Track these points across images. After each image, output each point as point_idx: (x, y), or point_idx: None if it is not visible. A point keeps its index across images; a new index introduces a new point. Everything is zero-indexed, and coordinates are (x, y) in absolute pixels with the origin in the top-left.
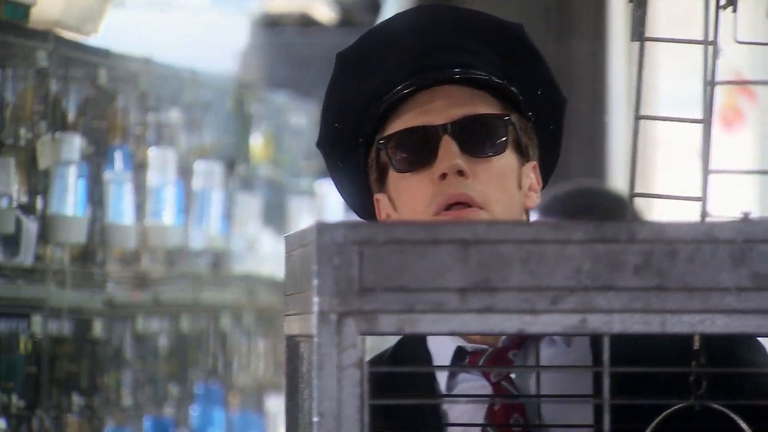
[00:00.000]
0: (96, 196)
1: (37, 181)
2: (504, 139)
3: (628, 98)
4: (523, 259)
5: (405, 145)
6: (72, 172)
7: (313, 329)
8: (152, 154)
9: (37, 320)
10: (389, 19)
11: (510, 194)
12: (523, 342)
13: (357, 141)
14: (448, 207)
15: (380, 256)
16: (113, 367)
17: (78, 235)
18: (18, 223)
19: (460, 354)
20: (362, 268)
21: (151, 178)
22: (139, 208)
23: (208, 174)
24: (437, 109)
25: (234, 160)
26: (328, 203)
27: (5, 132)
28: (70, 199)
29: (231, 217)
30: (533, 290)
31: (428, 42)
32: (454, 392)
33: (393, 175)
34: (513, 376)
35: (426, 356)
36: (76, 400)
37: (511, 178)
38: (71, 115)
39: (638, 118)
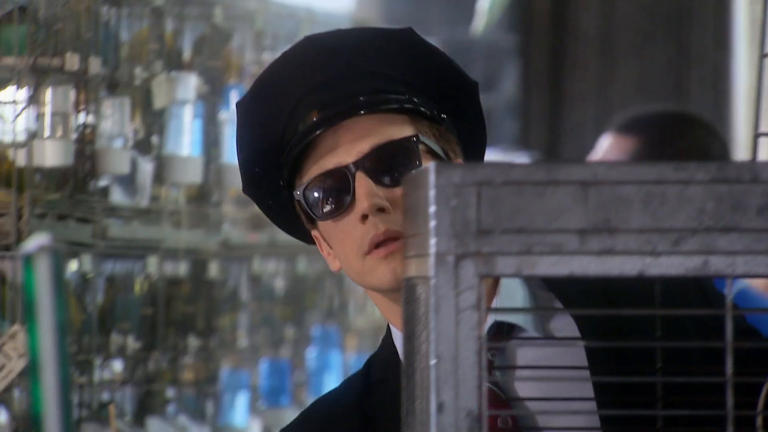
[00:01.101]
0: (211, 136)
1: (153, 121)
2: (416, 159)
3: (752, 36)
4: (644, 200)
5: (321, 192)
6: (187, 111)
7: (431, 271)
8: None
9: (152, 261)
10: (279, 58)
11: None
12: (501, 342)
13: (277, 184)
14: (376, 246)
15: (498, 197)
16: (229, 309)
17: (193, 176)
18: (134, 164)
19: None
20: (480, 209)
21: None
22: None
23: None
24: (345, 144)
25: None
26: None
27: (120, 71)
28: (185, 139)
29: None
30: (654, 232)
31: (322, 75)
32: None
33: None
34: (497, 374)
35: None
36: (192, 341)
37: None
38: (186, 54)
39: (764, 56)
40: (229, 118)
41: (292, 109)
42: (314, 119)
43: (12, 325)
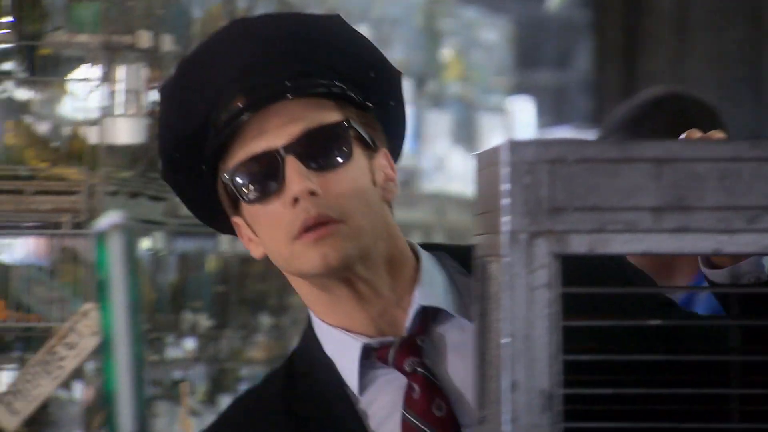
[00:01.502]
0: None
1: None
2: (347, 145)
3: None
4: (719, 178)
5: (250, 176)
6: None
7: (504, 249)
8: None
9: (225, 239)
10: (202, 43)
11: (367, 197)
12: (427, 327)
13: (199, 169)
14: (307, 230)
15: (571, 175)
16: None
17: None
18: None
19: (366, 352)
20: (553, 187)
21: None
22: None
23: None
24: (274, 129)
25: (423, 76)
26: (520, 120)
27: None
28: None
29: (420, 135)
30: (729, 209)
31: (249, 58)
32: (371, 391)
33: (246, 204)
34: (428, 361)
35: (327, 362)
36: (264, 319)
37: (363, 180)
38: None
39: None
40: None
41: (216, 93)
42: (240, 103)
43: (85, 303)
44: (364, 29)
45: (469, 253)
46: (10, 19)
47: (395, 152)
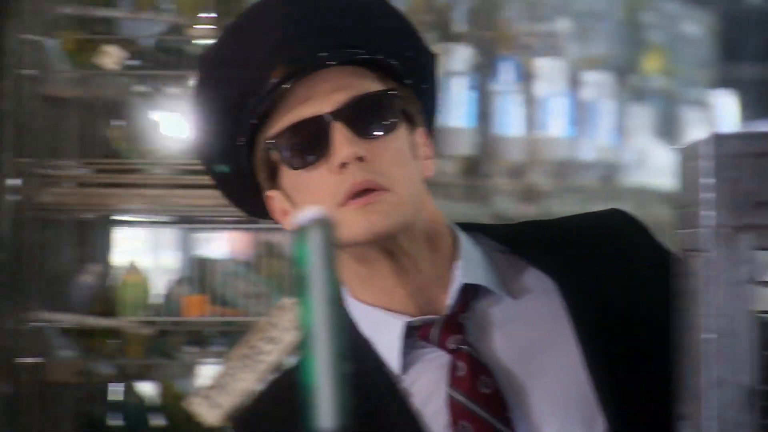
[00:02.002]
0: (483, 108)
1: None
2: (395, 115)
3: None
4: None
5: (296, 141)
6: (460, 83)
7: (706, 244)
8: (541, 64)
9: None
10: (244, 13)
11: (411, 169)
12: (468, 304)
13: (234, 142)
14: (353, 196)
15: None
16: None
17: (466, 147)
18: None
19: (408, 331)
20: (758, 181)
21: (540, 89)
22: (528, 120)
23: (598, 85)
24: (320, 95)
25: (625, 70)
26: (722, 114)
27: None
28: (458, 110)
29: (622, 129)
30: None
31: (290, 28)
32: (413, 370)
33: (287, 172)
34: (471, 339)
35: (363, 342)
36: None
37: (407, 152)
38: (459, 26)
39: None
40: (501, 89)
41: (257, 63)
42: (284, 71)
43: (285, 297)
44: (565, 23)
45: (506, 231)
46: (212, 14)
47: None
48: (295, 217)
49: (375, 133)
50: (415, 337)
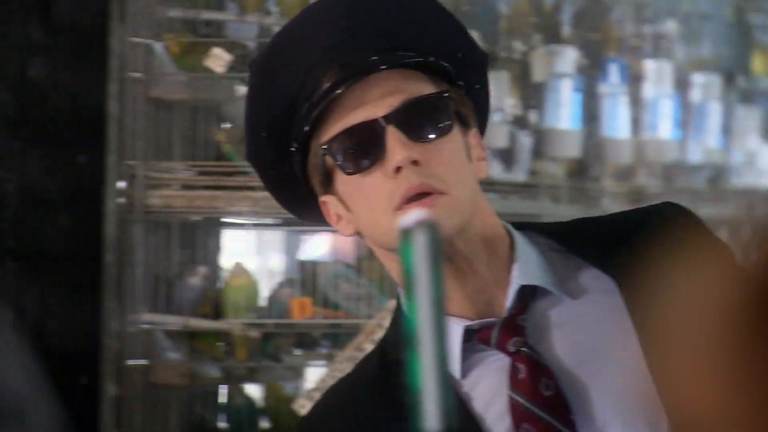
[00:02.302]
0: (590, 110)
1: (531, 94)
2: (448, 117)
3: None
4: None
5: (350, 146)
6: (566, 85)
7: None
8: (648, 66)
9: None
10: (296, 17)
11: (465, 171)
12: (526, 306)
13: (287, 147)
14: (409, 200)
15: None
16: None
17: (573, 150)
18: (511, 138)
19: (467, 334)
20: None
21: (647, 91)
22: (635, 122)
23: (706, 86)
24: (373, 100)
25: (733, 72)
26: None
27: (499, 45)
28: (564, 112)
29: (730, 131)
30: None
31: (341, 33)
32: (472, 374)
33: (342, 177)
34: (531, 341)
35: None
36: None
37: (462, 154)
38: (565, 27)
39: None
40: (608, 91)
41: (308, 68)
42: (336, 76)
43: (391, 299)
44: (671, 24)
45: (561, 229)
46: None
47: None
48: (400, 220)
49: (429, 136)
50: (473, 340)
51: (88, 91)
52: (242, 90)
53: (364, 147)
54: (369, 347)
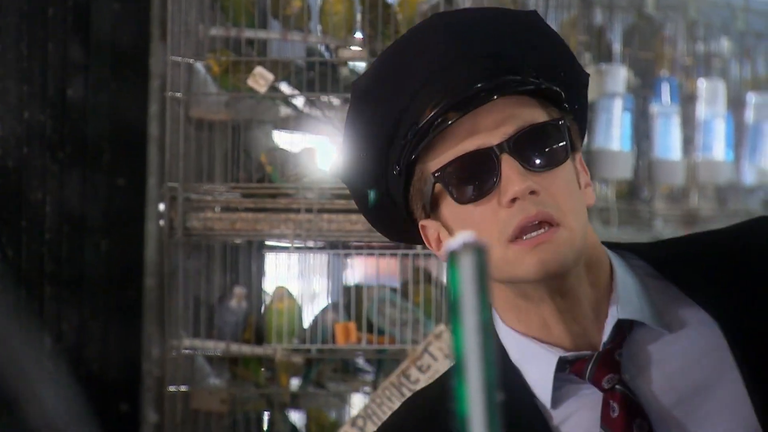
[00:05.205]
0: (642, 130)
1: None
2: (564, 146)
3: None
4: None
5: (463, 175)
6: (617, 104)
7: None
8: (701, 85)
9: None
10: (401, 38)
11: (579, 200)
12: (623, 339)
13: (387, 170)
14: (526, 231)
15: None
16: None
17: (624, 171)
18: None
19: (561, 366)
20: None
21: (700, 111)
22: (688, 143)
23: (760, 106)
24: (487, 127)
25: None
26: None
27: None
28: (615, 132)
29: None
30: None
31: (450, 55)
32: (564, 406)
33: (449, 204)
34: (627, 377)
35: (512, 369)
36: None
37: (574, 183)
38: (616, 46)
39: None
40: (660, 111)
41: (415, 91)
42: (446, 101)
43: (438, 324)
44: (725, 43)
45: (656, 253)
46: (360, 35)
47: None
48: (447, 243)
49: (546, 166)
50: (567, 371)
51: (128, 112)
52: (285, 110)
53: (477, 176)
54: (414, 373)
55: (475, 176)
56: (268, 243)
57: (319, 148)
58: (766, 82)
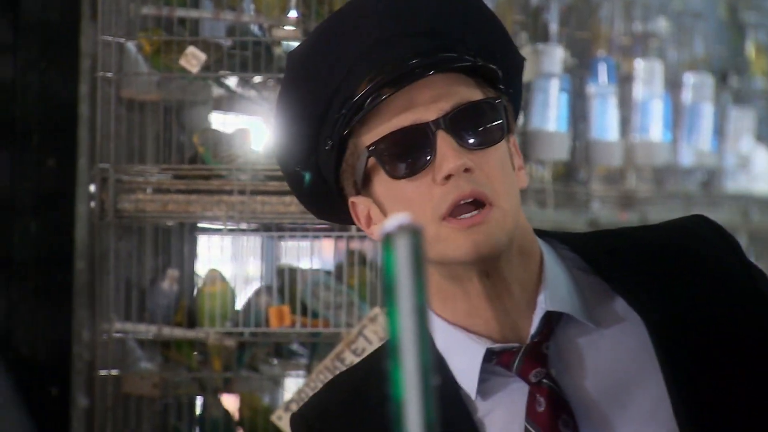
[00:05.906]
0: (578, 111)
1: None
2: (500, 125)
3: None
4: None
5: (397, 149)
6: (554, 85)
7: None
8: (638, 66)
9: None
10: (338, 11)
11: (512, 181)
12: (551, 332)
13: (318, 145)
14: (459, 210)
15: None
16: None
17: (560, 152)
18: None
19: (488, 357)
20: None
21: (637, 91)
22: (625, 124)
23: (698, 87)
24: (423, 103)
25: (726, 72)
26: None
27: None
28: (551, 113)
29: (723, 133)
30: None
31: (387, 31)
32: (488, 400)
33: (382, 180)
34: (554, 372)
35: (437, 358)
36: None
37: (508, 163)
38: (553, 26)
39: None
40: (597, 91)
41: (350, 66)
42: (383, 77)
43: (373, 307)
44: (662, 23)
45: (586, 245)
46: (294, 14)
47: None
48: (382, 225)
49: (481, 144)
50: (493, 362)
51: (59, 92)
52: (218, 91)
53: (412, 151)
54: (349, 357)
55: (409, 151)
56: (200, 225)
57: (253, 129)
58: (703, 63)
